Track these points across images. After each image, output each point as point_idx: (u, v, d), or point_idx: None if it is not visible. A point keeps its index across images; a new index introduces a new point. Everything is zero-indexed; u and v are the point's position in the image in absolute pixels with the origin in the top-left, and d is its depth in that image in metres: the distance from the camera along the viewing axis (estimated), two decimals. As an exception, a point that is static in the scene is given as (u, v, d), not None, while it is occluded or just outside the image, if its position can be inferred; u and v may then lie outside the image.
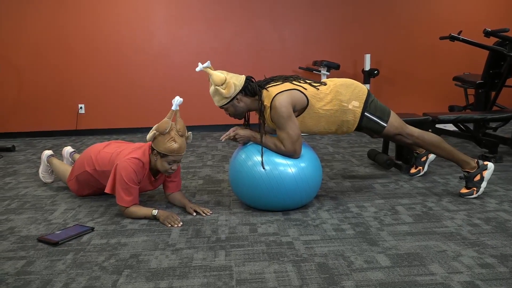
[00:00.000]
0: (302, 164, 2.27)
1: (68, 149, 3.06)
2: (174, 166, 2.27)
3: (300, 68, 5.10)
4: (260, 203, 2.31)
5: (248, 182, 2.27)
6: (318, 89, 2.38)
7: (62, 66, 5.02)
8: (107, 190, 2.29)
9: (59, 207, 2.51)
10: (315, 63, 4.99)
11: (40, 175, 2.96)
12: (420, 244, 1.90)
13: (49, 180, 2.98)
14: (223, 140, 2.36)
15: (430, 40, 5.33)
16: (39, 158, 3.89)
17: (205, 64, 2.29)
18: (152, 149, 2.25)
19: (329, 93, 2.38)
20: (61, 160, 2.99)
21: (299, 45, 5.20)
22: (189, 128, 5.23)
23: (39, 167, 3.48)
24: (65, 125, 5.13)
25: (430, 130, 3.18)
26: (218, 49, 5.14)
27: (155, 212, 2.24)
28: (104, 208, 2.47)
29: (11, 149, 4.23)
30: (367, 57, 4.93)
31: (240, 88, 2.29)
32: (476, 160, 2.53)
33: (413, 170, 3.02)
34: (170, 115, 2.21)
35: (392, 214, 2.28)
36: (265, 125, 2.41)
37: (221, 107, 2.34)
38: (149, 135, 2.19)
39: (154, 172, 2.39)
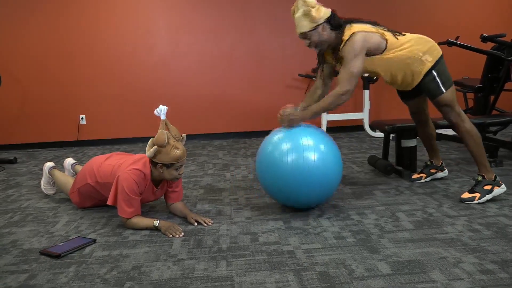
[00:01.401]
0: (324, 151, 2.31)
1: (69, 161, 3.07)
2: (181, 170, 2.31)
3: (299, 75, 5.12)
4: (286, 195, 2.35)
5: (274, 173, 2.31)
6: (398, 38, 2.46)
7: (63, 77, 5.05)
8: (109, 202, 2.31)
9: (61, 219, 2.52)
10: (314, 70, 5.01)
11: (42, 187, 2.98)
12: (421, 251, 1.90)
13: (51, 192, 2.99)
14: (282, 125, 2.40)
15: (428, 45, 5.35)
16: (41, 169, 3.90)
17: None
18: (155, 163, 2.27)
19: (408, 41, 2.47)
20: (63, 172, 3.01)
21: (299, 52, 5.22)
22: (190, 137, 5.24)
23: (41, 178, 3.50)
24: (67, 136, 5.15)
25: None
26: (218, 57, 5.16)
27: (156, 222, 2.25)
28: (106, 220, 2.48)
29: (13, 161, 4.25)
30: (366, 63, 4.94)
31: (328, 16, 2.36)
32: (495, 175, 2.54)
33: (415, 176, 3.01)
34: (163, 126, 2.23)
35: (393, 220, 2.29)
36: (329, 63, 2.57)
37: (306, 33, 2.36)
38: (150, 151, 2.21)
39: (156, 182, 2.41)
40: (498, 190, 2.52)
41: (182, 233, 2.20)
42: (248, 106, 5.27)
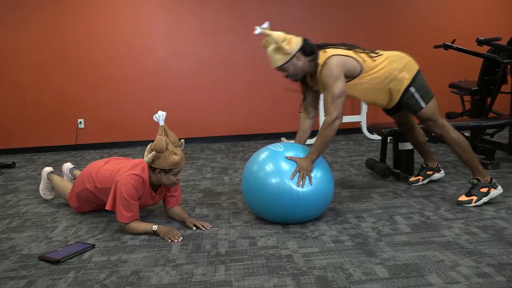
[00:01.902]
0: (317, 174, 2.28)
1: (67, 165, 3.08)
2: (180, 175, 2.32)
3: (297, 78, 5.14)
4: (271, 214, 2.32)
5: (260, 193, 2.28)
6: (375, 60, 2.48)
7: (61, 81, 5.06)
8: (107, 207, 2.32)
9: (60, 224, 2.52)
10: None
11: (41, 192, 2.98)
12: (418, 254, 1.91)
13: (50, 197, 3.00)
14: (300, 185, 2.23)
15: (426, 49, 5.37)
16: (40, 174, 3.90)
17: (265, 25, 2.33)
18: (154, 168, 2.27)
19: (383, 61, 2.49)
20: (61, 177, 3.01)
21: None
22: (189, 140, 5.25)
23: (39, 183, 3.50)
24: (65, 140, 5.15)
25: (428, 138, 3.20)
26: (217, 60, 5.18)
27: (155, 227, 2.26)
28: (104, 224, 2.48)
29: (11, 166, 4.25)
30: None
31: (300, 45, 2.36)
32: (490, 177, 2.56)
33: (412, 178, 3.03)
34: (161, 132, 2.23)
35: (391, 224, 2.30)
36: (312, 88, 2.55)
37: (282, 66, 2.37)
38: (148, 157, 2.21)
39: (154, 187, 2.41)
40: (495, 192, 2.54)
41: (181, 238, 2.20)
42: (246, 109, 5.29)
